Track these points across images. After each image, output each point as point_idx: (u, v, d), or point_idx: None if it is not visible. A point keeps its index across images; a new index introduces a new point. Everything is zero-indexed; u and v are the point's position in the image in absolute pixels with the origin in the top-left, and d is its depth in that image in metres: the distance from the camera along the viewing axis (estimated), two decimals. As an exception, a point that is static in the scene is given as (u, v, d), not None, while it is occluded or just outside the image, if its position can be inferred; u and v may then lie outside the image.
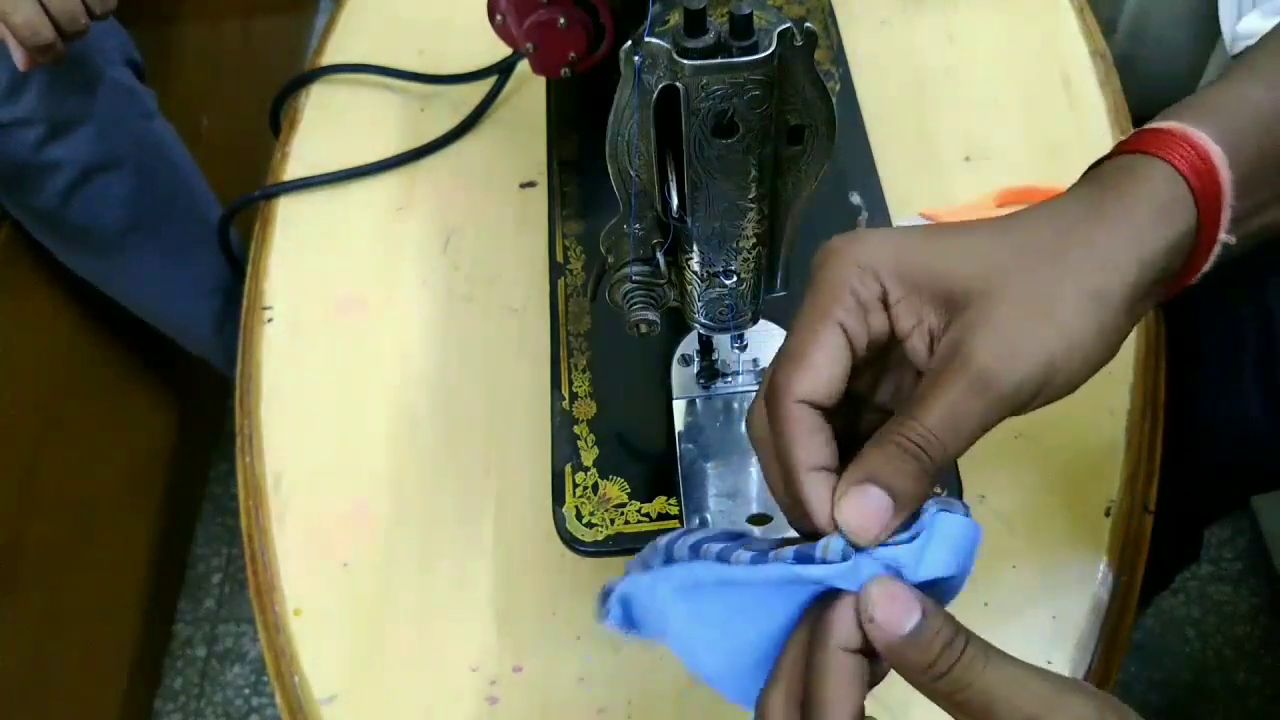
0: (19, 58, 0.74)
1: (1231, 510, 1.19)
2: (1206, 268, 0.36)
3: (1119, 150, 0.36)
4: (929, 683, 0.30)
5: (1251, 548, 1.20)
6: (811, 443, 0.33)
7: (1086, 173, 0.37)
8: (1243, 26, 0.85)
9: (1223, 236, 0.35)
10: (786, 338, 0.35)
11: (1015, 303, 0.32)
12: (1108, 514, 0.57)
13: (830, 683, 0.30)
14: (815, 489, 0.33)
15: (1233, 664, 1.13)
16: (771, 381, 0.34)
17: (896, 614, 0.30)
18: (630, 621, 0.35)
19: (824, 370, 0.33)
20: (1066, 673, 0.52)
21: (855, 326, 0.34)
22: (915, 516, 0.32)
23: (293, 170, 0.76)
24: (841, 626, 0.30)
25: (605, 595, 0.35)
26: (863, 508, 0.31)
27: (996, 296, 0.32)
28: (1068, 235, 0.33)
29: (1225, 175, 0.34)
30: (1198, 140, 0.34)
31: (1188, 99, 0.36)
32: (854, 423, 0.37)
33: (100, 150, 0.90)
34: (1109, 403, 0.60)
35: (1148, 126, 0.36)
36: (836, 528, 0.32)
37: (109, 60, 0.92)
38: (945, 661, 0.29)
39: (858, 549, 0.31)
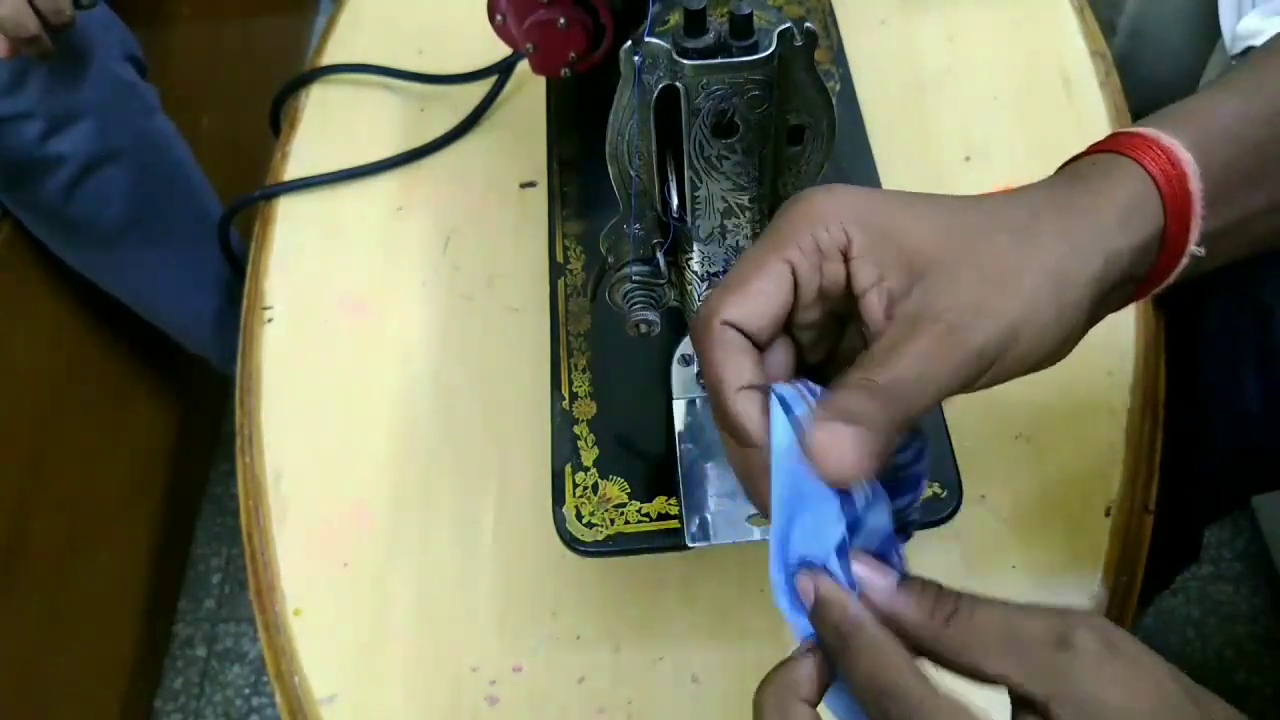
0: (1, 46, 0.74)
1: (1231, 510, 1.19)
2: (1173, 278, 0.36)
3: (1093, 150, 0.36)
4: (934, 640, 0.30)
5: (1251, 548, 1.20)
6: (737, 362, 0.33)
7: (1061, 168, 0.37)
8: (1243, 26, 0.85)
9: (1192, 249, 0.35)
10: (730, 269, 0.35)
11: (980, 270, 0.32)
12: (1108, 514, 0.57)
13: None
14: (744, 405, 0.32)
15: (1233, 664, 1.13)
16: (702, 305, 0.34)
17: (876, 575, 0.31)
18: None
19: (758, 299, 0.33)
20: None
21: (806, 270, 0.34)
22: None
23: (293, 170, 0.76)
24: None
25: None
26: (835, 438, 0.30)
27: (962, 263, 0.32)
28: (1036, 217, 0.34)
29: (1195, 183, 0.34)
30: (1168, 146, 0.34)
31: (1166, 109, 0.37)
32: None
33: (102, 145, 0.90)
34: (1109, 403, 0.60)
35: (1122, 130, 0.36)
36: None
37: (110, 55, 0.92)
38: (942, 613, 0.30)
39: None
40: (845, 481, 0.30)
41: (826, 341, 0.37)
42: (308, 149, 0.78)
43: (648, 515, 0.51)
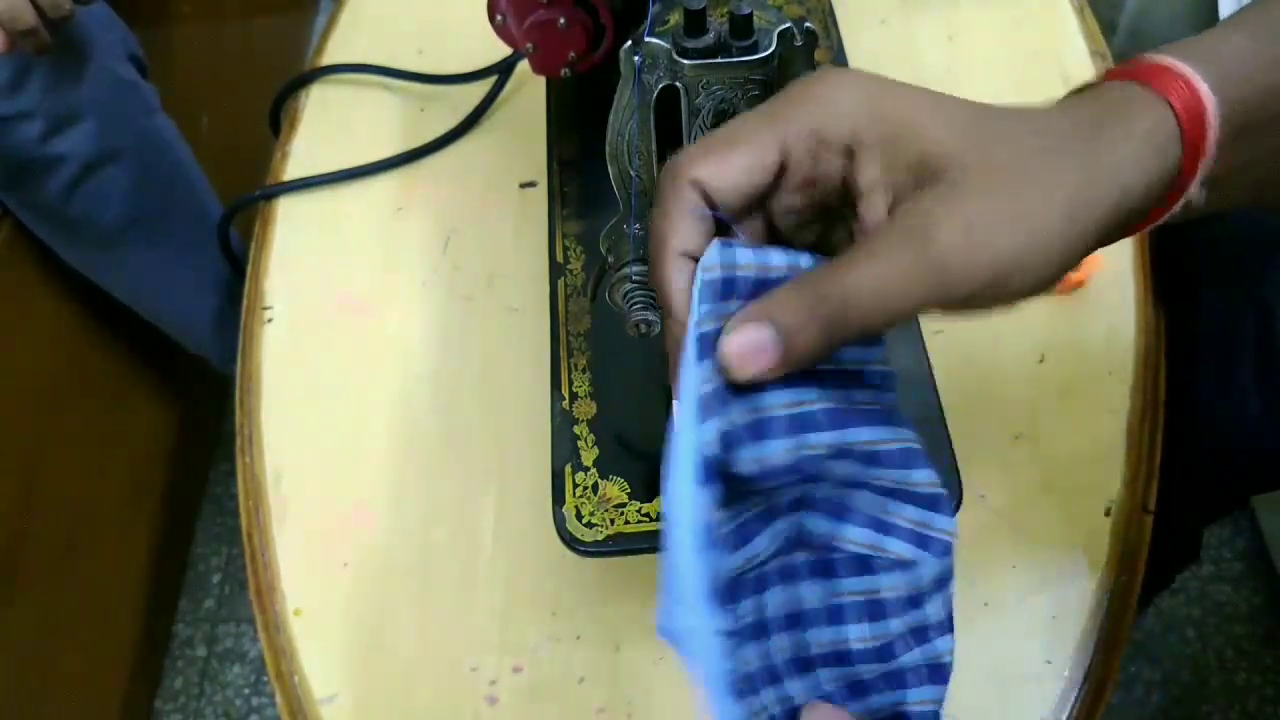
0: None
1: (1231, 510, 1.18)
2: (1167, 217, 0.35)
3: (1116, 74, 0.35)
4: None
5: (1251, 548, 1.20)
6: (688, 227, 0.31)
7: (1081, 90, 0.36)
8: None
9: (1192, 191, 0.34)
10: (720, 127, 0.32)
11: (995, 189, 0.30)
12: (1108, 514, 0.57)
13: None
14: (676, 272, 0.31)
15: (1233, 664, 1.13)
16: (676, 155, 0.32)
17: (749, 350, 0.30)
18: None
19: (734, 166, 0.31)
20: (1066, 673, 0.53)
21: (799, 154, 0.31)
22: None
23: (293, 170, 0.76)
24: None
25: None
26: (746, 344, 0.29)
27: (977, 173, 0.30)
28: (1062, 140, 0.32)
29: (1213, 124, 0.33)
30: (1195, 82, 0.33)
31: (1184, 41, 0.35)
32: None
33: (102, 144, 0.90)
34: (1109, 403, 0.60)
35: (1147, 58, 0.34)
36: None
37: (111, 54, 0.92)
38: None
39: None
40: (745, 381, 0.30)
41: (809, 232, 0.35)
42: (308, 149, 0.78)
43: (648, 515, 0.51)
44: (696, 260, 0.31)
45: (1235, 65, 0.34)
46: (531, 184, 0.73)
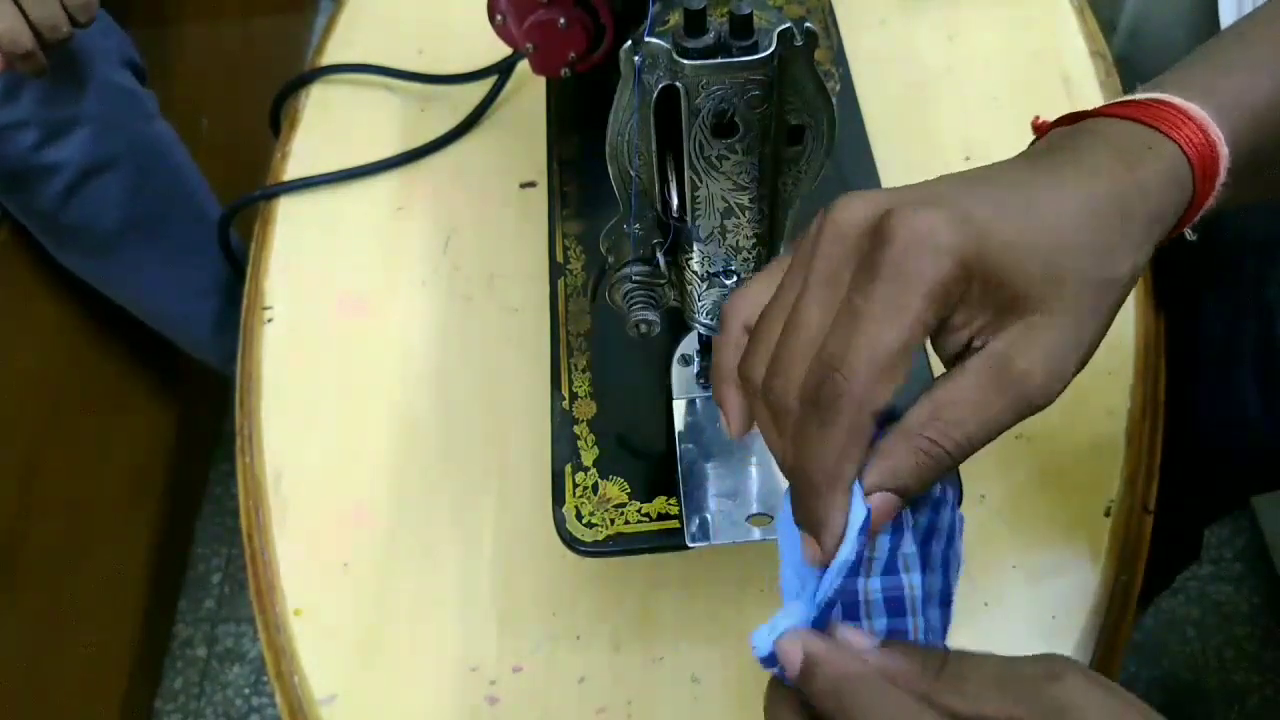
0: None
1: (1231, 510, 1.19)
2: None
3: (1130, 114, 0.35)
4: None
5: (1251, 548, 1.20)
6: (859, 453, 0.32)
7: (1092, 125, 0.36)
8: (1242, 26, 0.85)
9: (1187, 233, 0.36)
10: (865, 322, 0.31)
11: (1064, 315, 0.32)
12: (1108, 514, 0.57)
13: None
14: (842, 506, 0.32)
15: (1233, 664, 1.13)
16: (850, 385, 0.31)
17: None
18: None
19: (903, 380, 0.31)
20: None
21: (934, 326, 0.32)
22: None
23: (293, 170, 0.76)
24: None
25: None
26: (879, 515, 0.31)
27: (1053, 309, 0.32)
28: (1105, 233, 0.33)
29: (1223, 161, 0.34)
30: (1214, 136, 0.34)
31: (1182, 72, 0.36)
32: None
33: (98, 152, 0.90)
34: (1109, 403, 0.60)
35: (1165, 99, 0.35)
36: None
37: (107, 62, 0.92)
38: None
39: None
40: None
41: None
42: (308, 149, 0.78)
43: (648, 515, 0.51)
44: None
45: (1247, 109, 0.35)
46: (531, 184, 0.73)
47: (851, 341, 0.31)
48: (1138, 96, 0.36)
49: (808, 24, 0.36)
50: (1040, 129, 0.40)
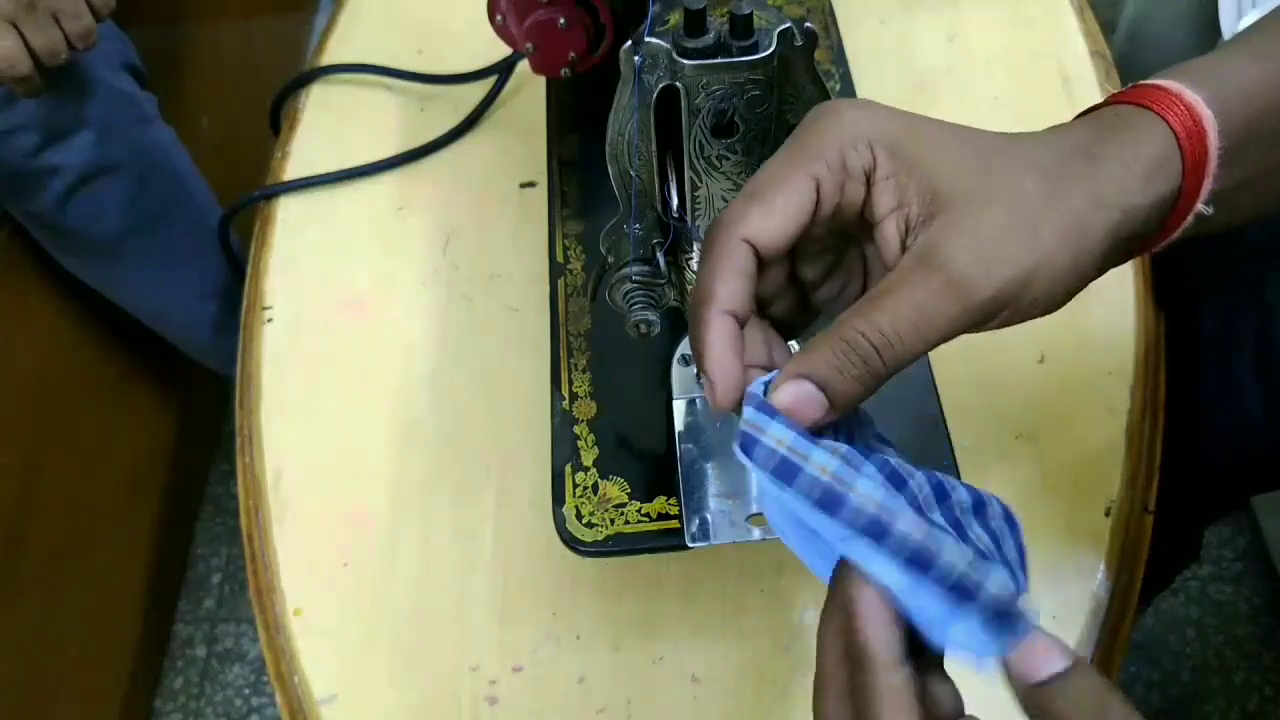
0: None
1: (1231, 510, 1.19)
2: (1177, 235, 0.36)
3: (1117, 99, 0.36)
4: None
5: (1251, 548, 1.20)
6: (735, 284, 0.33)
7: (1083, 115, 0.37)
8: (1243, 26, 0.85)
9: (1200, 206, 0.35)
10: (753, 176, 0.34)
11: (1002, 210, 0.32)
12: (1108, 514, 0.57)
13: (884, 710, 0.29)
14: (717, 331, 0.33)
15: (1233, 664, 1.13)
16: (723, 213, 0.33)
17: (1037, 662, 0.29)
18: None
19: (780, 216, 0.33)
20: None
21: (829, 187, 0.33)
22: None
23: (293, 170, 0.76)
24: (879, 645, 0.30)
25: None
26: (794, 400, 0.31)
27: (984, 200, 0.32)
28: (1064, 163, 0.33)
29: (1213, 143, 0.34)
30: (1192, 103, 0.34)
31: (1183, 64, 0.36)
32: (792, 312, 0.37)
33: (97, 156, 0.90)
34: (1109, 403, 0.60)
35: (1146, 82, 0.35)
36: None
37: (107, 66, 0.92)
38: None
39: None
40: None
41: (826, 259, 0.37)
42: (308, 149, 0.78)
43: (648, 515, 0.51)
44: (736, 318, 0.33)
45: (1234, 84, 0.35)
46: (531, 184, 0.73)
47: (746, 185, 0.33)
48: (1126, 87, 0.36)
49: (808, 24, 0.36)
50: None
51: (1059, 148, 0.34)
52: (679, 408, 0.54)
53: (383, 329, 0.68)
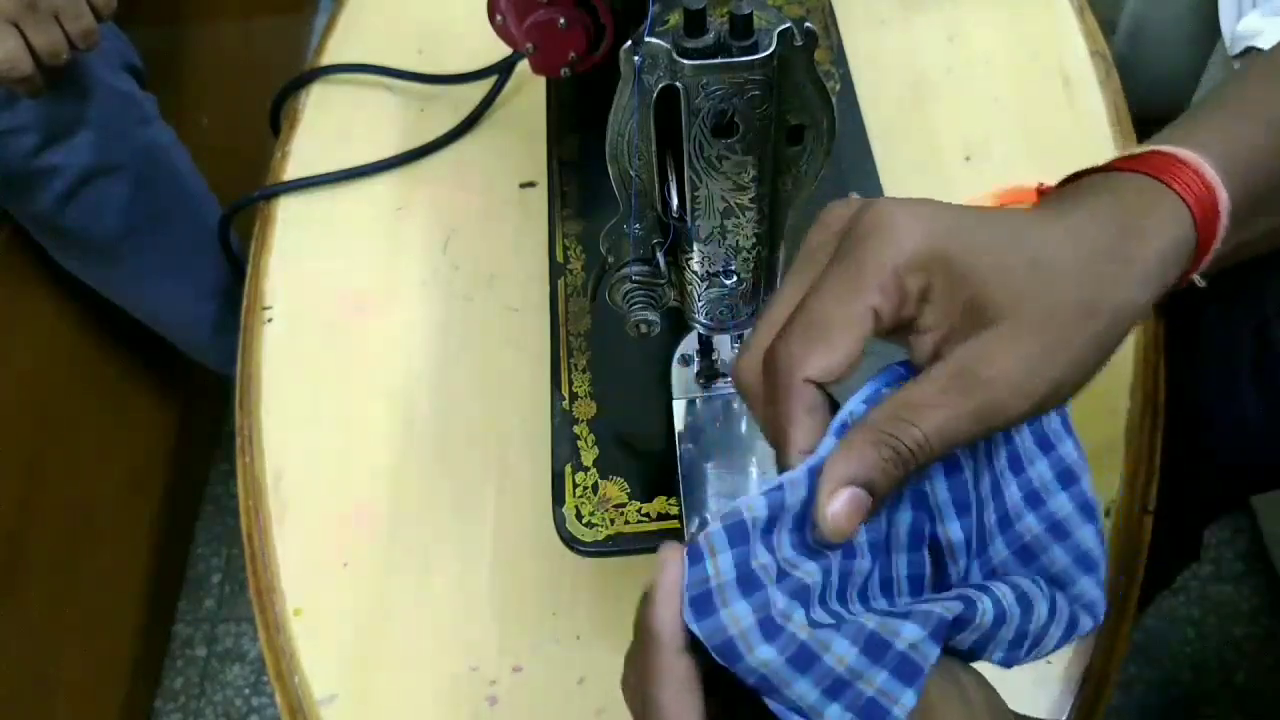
0: None
1: (1231, 510, 1.19)
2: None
3: (1130, 166, 0.36)
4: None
5: (1251, 548, 1.20)
6: (808, 424, 0.33)
7: (1103, 172, 0.37)
8: (1243, 26, 0.85)
9: (1196, 279, 0.36)
10: (810, 298, 0.33)
11: (1037, 331, 0.32)
12: (1107, 514, 0.57)
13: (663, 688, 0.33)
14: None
15: (1233, 664, 1.13)
16: (784, 351, 0.33)
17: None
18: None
19: (843, 354, 0.32)
20: (1066, 673, 0.52)
21: (887, 313, 0.33)
22: None
23: (293, 170, 0.76)
24: (664, 627, 0.34)
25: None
26: (848, 511, 0.32)
27: (1023, 321, 0.32)
28: (1096, 263, 0.33)
29: (1224, 224, 0.35)
30: (1212, 183, 0.34)
31: (1194, 120, 0.37)
32: None
33: (97, 156, 0.90)
34: (1109, 403, 0.60)
35: (1165, 149, 0.35)
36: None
37: (107, 66, 0.92)
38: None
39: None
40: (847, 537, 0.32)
41: None
42: (308, 149, 0.78)
43: (648, 515, 0.51)
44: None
45: (1244, 154, 0.36)
46: (531, 184, 0.73)
47: (796, 315, 0.33)
48: (1137, 150, 0.36)
49: (808, 24, 0.36)
50: (1044, 193, 0.40)
51: (1088, 244, 0.33)
52: (679, 408, 0.54)
53: (383, 329, 0.68)
